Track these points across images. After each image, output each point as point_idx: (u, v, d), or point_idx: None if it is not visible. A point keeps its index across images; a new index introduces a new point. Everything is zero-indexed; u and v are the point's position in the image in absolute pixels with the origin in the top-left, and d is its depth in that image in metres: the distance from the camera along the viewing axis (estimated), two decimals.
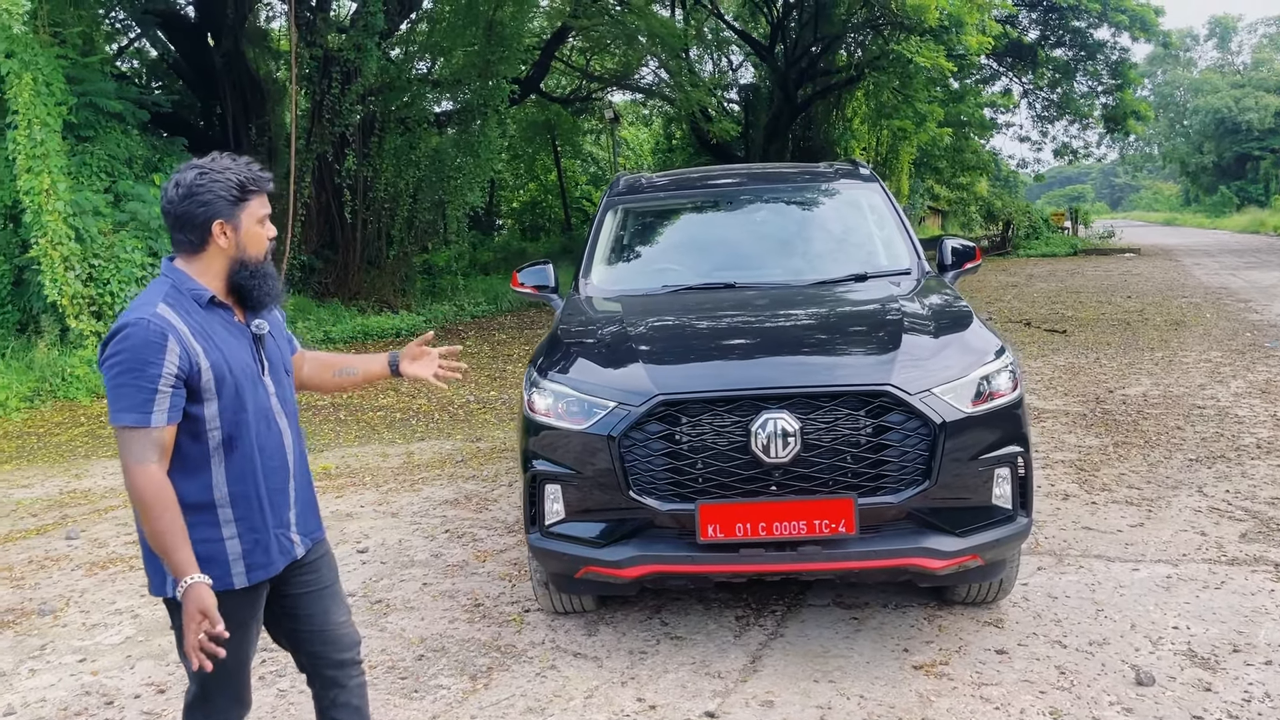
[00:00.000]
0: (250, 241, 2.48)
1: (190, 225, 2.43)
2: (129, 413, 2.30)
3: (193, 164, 2.47)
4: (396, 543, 5.62)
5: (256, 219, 2.49)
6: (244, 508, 2.48)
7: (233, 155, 2.51)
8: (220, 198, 2.42)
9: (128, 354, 2.30)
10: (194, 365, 2.36)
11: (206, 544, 2.42)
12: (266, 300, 2.56)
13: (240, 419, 2.46)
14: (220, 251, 2.46)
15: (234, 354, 2.47)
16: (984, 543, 3.70)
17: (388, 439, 8.58)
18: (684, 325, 4.39)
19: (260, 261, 2.52)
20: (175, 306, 2.40)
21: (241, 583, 2.48)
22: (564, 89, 32.86)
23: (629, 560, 3.68)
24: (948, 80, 29.01)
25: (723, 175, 6.09)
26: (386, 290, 19.78)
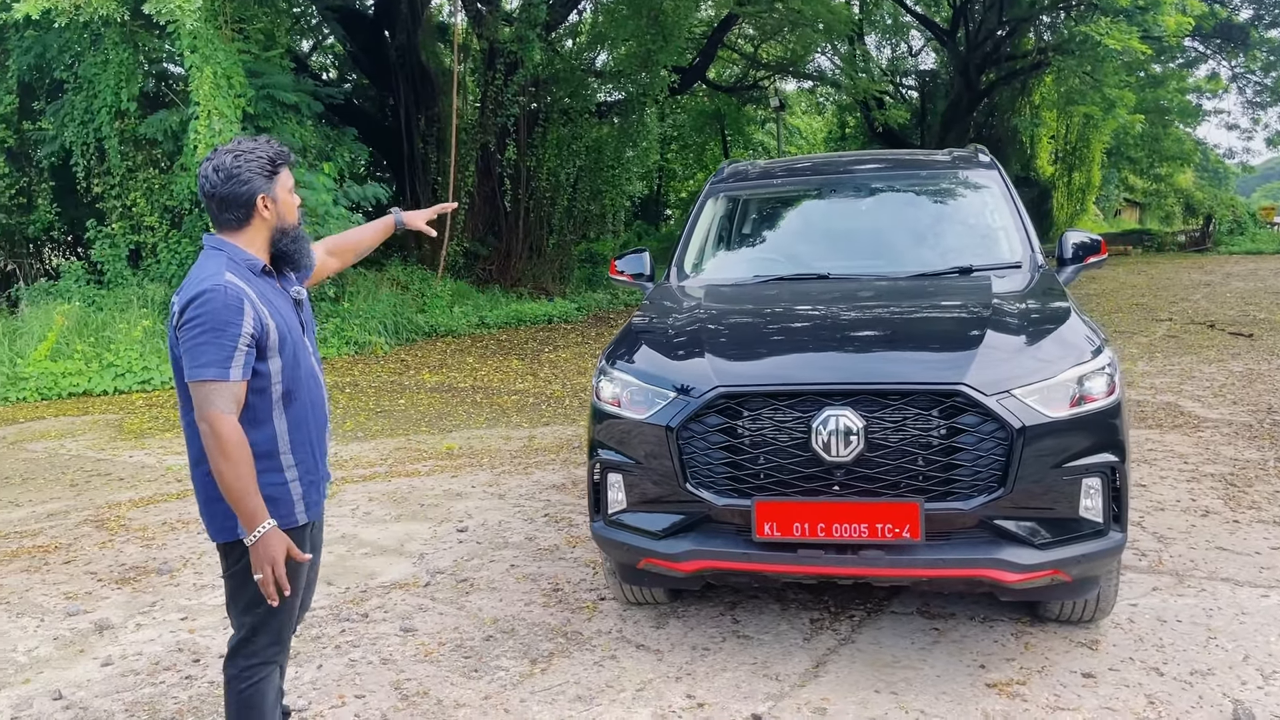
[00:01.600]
0: (287, 210, 2.75)
1: (236, 203, 2.66)
2: (210, 368, 2.50)
3: (224, 149, 2.70)
4: (496, 524, 5.72)
5: (288, 189, 2.76)
6: (302, 453, 2.75)
7: (254, 137, 2.77)
8: (257, 174, 2.66)
9: (209, 315, 2.51)
10: (263, 326, 2.59)
11: (274, 487, 2.66)
12: (306, 261, 2.85)
13: (296, 375, 2.72)
14: (264, 223, 2.71)
15: (287, 316, 2.73)
16: (1068, 557, 3.42)
17: (515, 422, 8.75)
18: (759, 317, 4.26)
19: (296, 226, 2.79)
20: (237, 274, 2.62)
21: (303, 519, 2.76)
22: (732, 78, 32.67)
23: (685, 554, 3.60)
24: (1144, 64, 27.22)
25: (835, 163, 5.88)
26: (545, 277, 20.24)
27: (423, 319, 15.32)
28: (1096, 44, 22.34)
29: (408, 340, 14.63)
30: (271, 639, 2.79)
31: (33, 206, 15.52)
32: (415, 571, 4.98)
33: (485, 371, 11.80)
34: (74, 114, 13.67)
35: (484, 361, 12.60)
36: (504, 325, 16.20)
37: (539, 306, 17.42)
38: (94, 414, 9.88)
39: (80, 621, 4.50)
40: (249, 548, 2.55)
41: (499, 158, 18.74)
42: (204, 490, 2.69)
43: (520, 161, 19.16)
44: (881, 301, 4.25)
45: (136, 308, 12.58)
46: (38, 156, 14.71)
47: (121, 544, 5.61)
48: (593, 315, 17.89)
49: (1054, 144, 37.77)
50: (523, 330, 15.95)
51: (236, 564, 2.72)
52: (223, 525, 2.68)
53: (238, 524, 2.61)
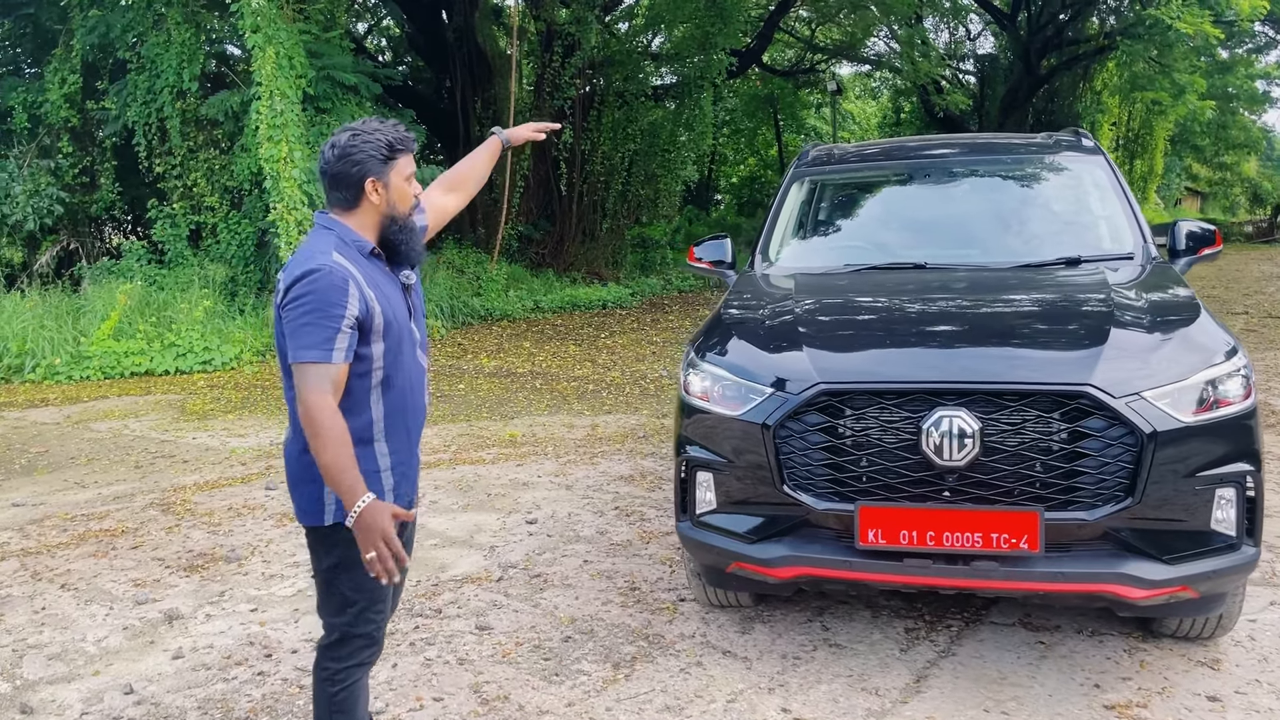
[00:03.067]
0: (399, 197, 2.61)
1: (346, 183, 2.55)
2: (313, 349, 2.41)
3: (346, 127, 2.61)
4: (566, 516, 5.56)
5: (404, 176, 2.61)
6: (397, 442, 2.65)
7: (381, 118, 2.64)
8: (371, 157, 2.54)
9: (315, 296, 2.42)
10: (369, 309, 2.49)
11: (366, 475, 2.51)
12: (413, 255, 2.69)
13: (398, 360, 2.62)
14: (373, 207, 2.58)
15: (394, 301, 2.62)
16: (1198, 573, 3.18)
17: (576, 410, 8.60)
18: (858, 308, 4.04)
19: (407, 217, 2.65)
20: (345, 255, 2.52)
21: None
22: (787, 61, 32.21)
23: (780, 560, 3.40)
24: (1214, 49, 26.40)
25: (926, 146, 5.61)
26: (598, 262, 20.07)
27: (478, 302, 15.22)
28: (1167, 28, 21.66)
29: (464, 324, 14.54)
30: (366, 641, 2.67)
31: (96, 185, 15.64)
32: (487, 565, 4.84)
33: (542, 357, 11.66)
34: (136, 94, 13.72)
35: (540, 346, 12.47)
36: (558, 310, 16.06)
37: (593, 291, 17.25)
38: (156, 394, 9.89)
39: (149, 610, 4.41)
40: (355, 527, 2.39)
41: (555, 141, 18.57)
42: (293, 471, 2.61)
43: (575, 145, 18.98)
44: (988, 294, 4.01)
45: (197, 288, 12.61)
46: (101, 136, 14.81)
47: (188, 529, 5.53)
48: (647, 301, 17.69)
49: (1115, 131, 36.86)
50: (577, 315, 15.79)
51: (326, 557, 2.61)
52: (308, 507, 2.58)
53: (324, 509, 2.55)
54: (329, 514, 2.56)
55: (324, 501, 2.55)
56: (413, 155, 2.65)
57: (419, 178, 2.75)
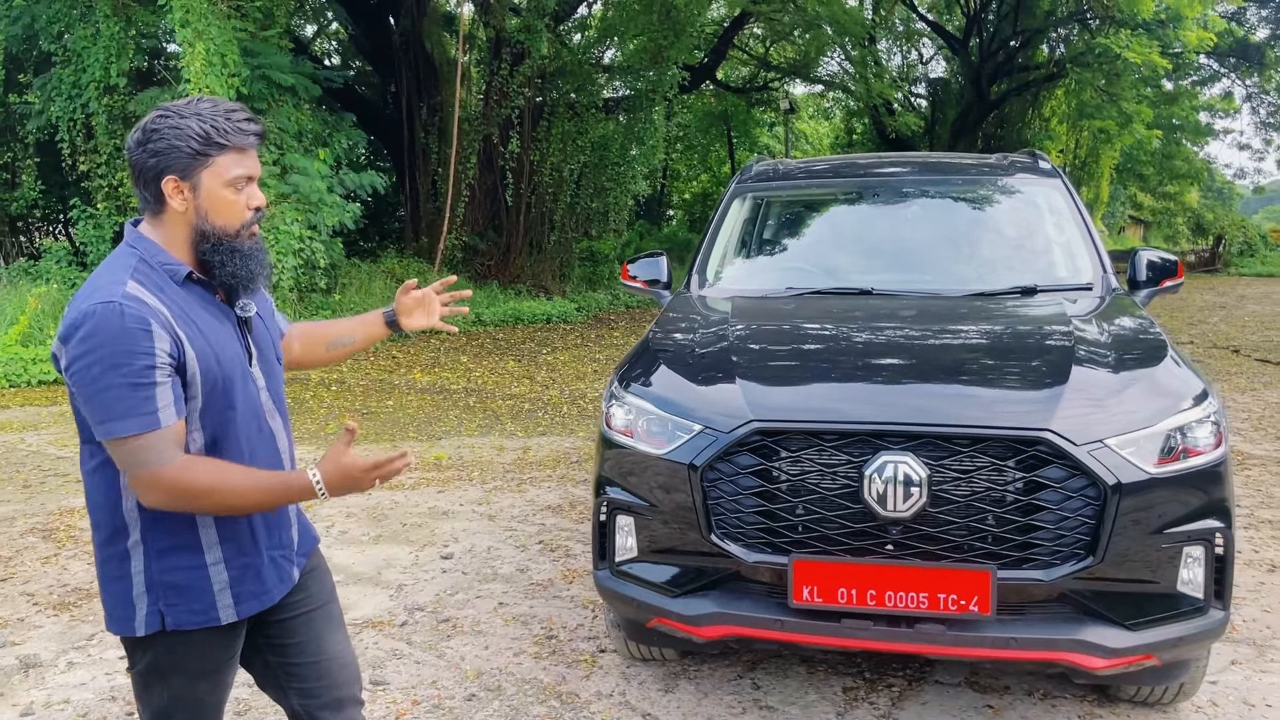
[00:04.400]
0: (215, 207, 1.97)
1: (144, 178, 1.97)
2: (127, 419, 1.85)
3: (163, 105, 2.01)
4: (485, 550, 5.16)
5: (225, 180, 1.97)
6: (230, 527, 2.03)
7: (215, 99, 2.01)
8: (176, 148, 1.94)
9: (104, 347, 1.84)
10: (181, 353, 1.91)
11: (183, 571, 1.99)
12: (234, 283, 2.04)
13: (227, 418, 2.01)
14: (179, 216, 1.98)
15: (220, 341, 2.00)
16: (1163, 640, 2.88)
17: (509, 430, 8.19)
18: (798, 337, 3.71)
19: (228, 235, 2.00)
20: (147, 284, 1.93)
21: (229, 616, 2.04)
22: (741, 79, 32.15)
23: (706, 617, 3.04)
24: (1160, 79, 26.78)
25: (876, 164, 5.32)
26: (545, 275, 19.67)
27: None
28: (1116, 57, 21.90)
29: (399, 338, 14.05)
30: None
31: (16, 183, 14.94)
32: (391, 607, 4.42)
33: (479, 373, 11.24)
34: (61, 88, 13.09)
35: (479, 361, 12.04)
36: (501, 323, 15.63)
37: (538, 305, 16.85)
38: (63, 404, 9.29)
39: (5, 656, 3.93)
40: (332, 493, 1.96)
41: (502, 150, 18.17)
42: (99, 565, 2.03)
43: (523, 155, 18.58)
44: (939, 325, 3.70)
45: None
46: (23, 131, 14.14)
47: (68, 559, 5.04)
48: (593, 316, 17.34)
49: (1063, 158, 37.30)
50: (520, 329, 15.38)
51: (139, 661, 2.06)
52: (117, 611, 2.02)
53: (134, 613, 1.99)
54: (141, 621, 1.98)
55: (134, 604, 1.98)
56: (253, 153, 2.02)
57: (364, 182, 2.26)
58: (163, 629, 1.98)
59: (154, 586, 1.97)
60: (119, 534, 1.98)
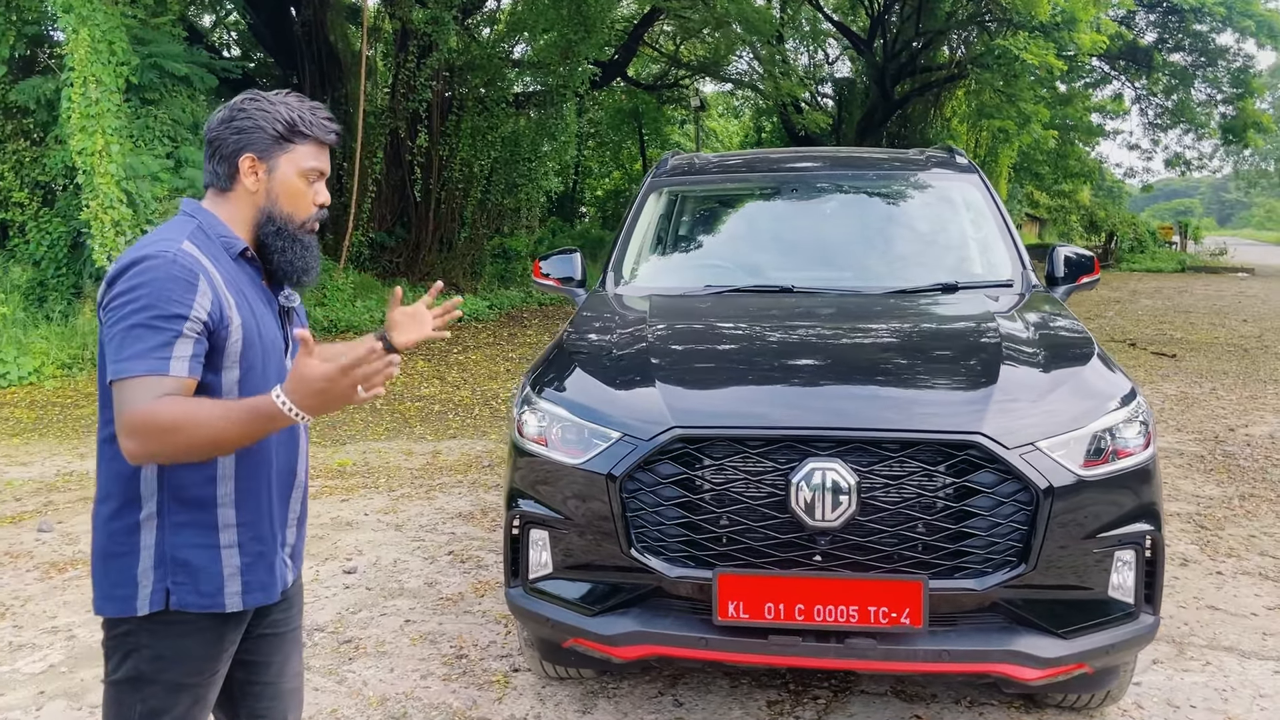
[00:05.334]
0: (285, 194, 2.02)
1: (220, 154, 2.01)
2: (141, 360, 1.79)
3: (254, 90, 2.09)
4: (391, 563, 4.90)
5: (300, 169, 2.03)
6: (252, 510, 1.98)
7: (301, 96, 2.08)
8: (260, 129, 1.99)
9: (147, 290, 1.82)
10: (224, 317, 1.89)
11: (196, 550, 1.92)
12: (289, 271, 2.06)
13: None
14: (248, 195, 2.02)
15: (264, 320, 2.01)
16: (1095, 648, 2.81)
17: (418, 434, 7.90)
18: (720, 338, 3.56)
19: (294, 222, 2.04)
20: (202, 248, 1.93)
21: (235, 605, 1.96)
22: (651, 76, 32.11)
23: (625, 636, 2.87)
24: (1055, 81, 27.57)
25: (793, 158, 5.22)
26: (456, 272, 19.27)
27: (322, 313, 14.26)
28: (1014, 59, 22.41)
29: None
30: None
31: None
32: None
33: None
34: None
35: None
36: None
37: None
38: None
39: None
40: (304, 410, 1.73)
41: (410, 145, 17.72)
42: (101, 541, 1.93)
43: (432, 150, 18.16)
44: (864, 324, 3.59)
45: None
46: None
47: None
48: (506, 314, 17.02)
49: None
50: None
51: (123, 663, 1.93)
52: (115, 590, 1.91)
53: (138, 590, 1.89)
54: (145, 598, 1.89)
55: (138, 580, 1.89)
56: (326, 152, 2.07)
57: None
58: (166, 608, 1.89)
59: (163, 562, 1.90)
60: (131, 505, 1.90)
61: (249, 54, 22.45)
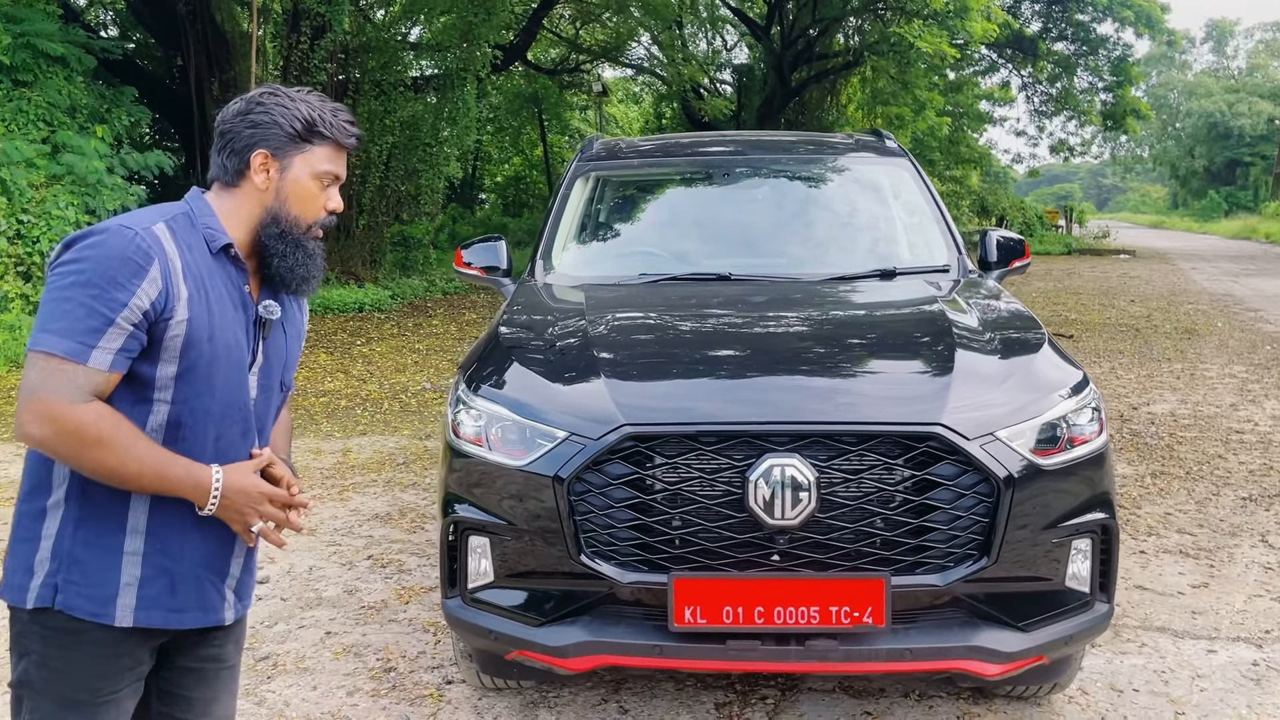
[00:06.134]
0: (296, 195, 1.91)
1: (232, 147, 1.89)
2: (64, 338, 1.68)
3: (273, 85, 1.98)
4: (306, 571, 4.64)
5: (315, 171, 1.91)
6: (162, 519, 1.80)
7: (323, 96, 1.97)
8: (278, 125, 1.88)
9: (94, 265, 1.70)
10: (169, 306, 1.75)
11: (95, 549, 1.77)
12: (289, 278, 1.92)
13: (200, 406, 1.82)
14: (255, 193, 1.90)
15: (223, 323, 1.84)
16: (1054, 639, 2.77)
17: (325, 431, 7.57)
18: (664, 329, 3.42)
19: (300, 226, 1.92)
20: (177, 234, 1.82)
21: (125, 620, 1.79)
22: (552, 60, 31.76)
23: (575, 647, 2.71)
24: (946, 69, 28.23)
25: (720, 143, 5.11)
26: (355, 261, 18.70)
27: None
28: (908, 46, 22.81)
29: None
30: None
31: None
32: None
33: None
34: None
35: None
36: (310, 313, 14.68)
37: (348, 293, 15.96)
38: None
39: None
40: (222, 513, 1.80)
41: None
42: (14, 520, 1.82)
43: None
44: (809, 312, 3.49)
45: None
46: None
47: None
48: (408, 304, 16.59)
49: None
50: (330, 320, 14.50)
51: (20, 661, 1.80)
52: (11, 577, 1.79)
53: (30, 580, 1.76)
54: (33, 593, 1.76)
55: (33, 570, 1.77)
56: (343, 156, 1.95)
57: (149, 163, 1.99)
58: (51, 606, 1.75)
59: (59, 555, 1.77)
60: (41, 489, 1.79)
61: (128, 34, 21.39)
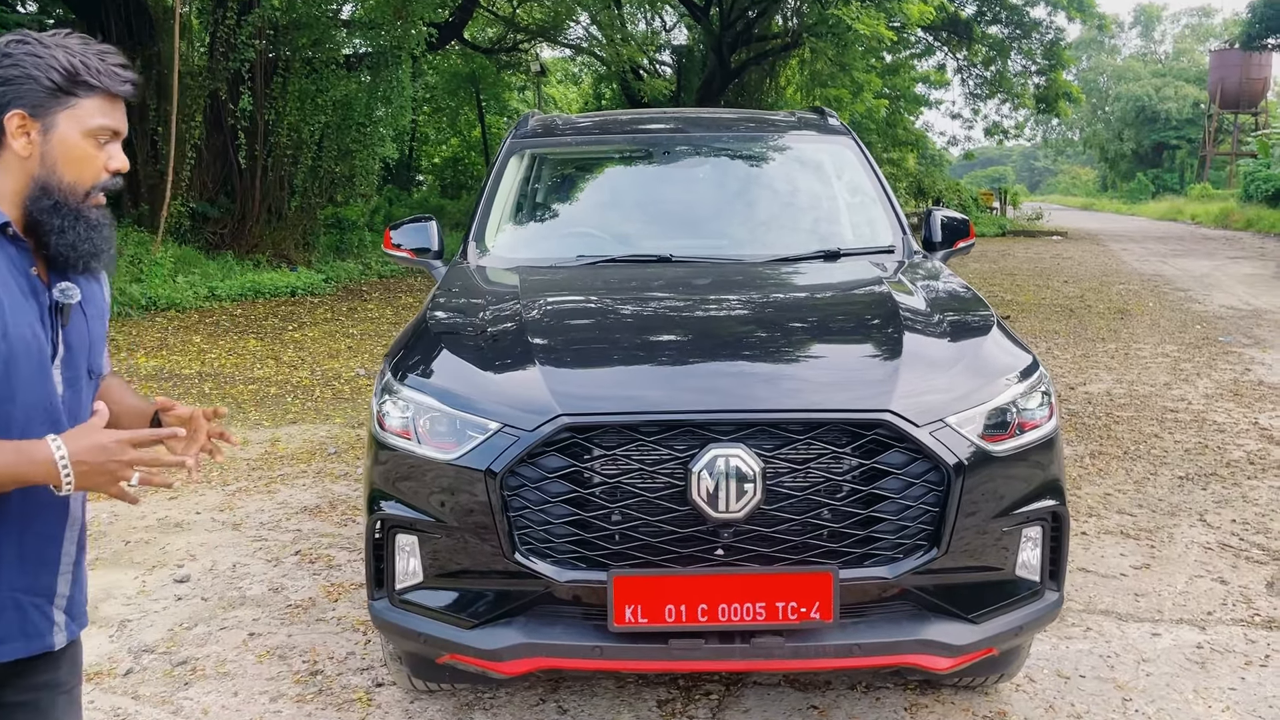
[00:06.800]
0: (67, 159, 1.64)
1: None
2: None
3: (24, 30, 1.69)
4: (230, 568, 4.43)
5: (87, 128, 1.65)
6: None
7: (86, 37, 1.68)
8: (31, 78, 1.61)
9: None
10: None
11: None
12: (71, 255, 1.67)
13: (1, 412, 1.59)
14: (17, 161, 1.62)
15: (16, 315, 1.60)
16: (1004, 630, 2.69)
17: (253, 420, 7.30)
18: (602, 313, 3.27)
19: (76, 194, 1.66)
20: None
21: None
22: (489, 39, 31.26)
23: (510, 650, 2.57)
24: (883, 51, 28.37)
25: (659, 120, 4.96)
26: (287, 244, 18.22)
27: (139, 290, 13.18)
28: (846, 28, 22.86)
29: (120, 315, 12.48)
30: None
31: None
32: (113, 651, 3.64)
33: (216, 354, 10.09)
34: None
35: (214, 342, 10.84)
36: (239, 298, 14.26)
37: (280, 277, 15.53)
38: None
39: None
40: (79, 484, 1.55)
41: (232, 109, 16.56)
42: None
43: (257, 114, 17.04)
44: (753, 295, 3.36)
45: None
46: None
47: None
48: (343, 287, 16.21)
49: None
50: (261, 304, 14.10)
51: None
52: None
53: None
54: None
55: None
56: (122, 105, 1.69)
57: None
58: None
59: None
60: None
61: (47, 9, 20.55)
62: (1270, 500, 5.37)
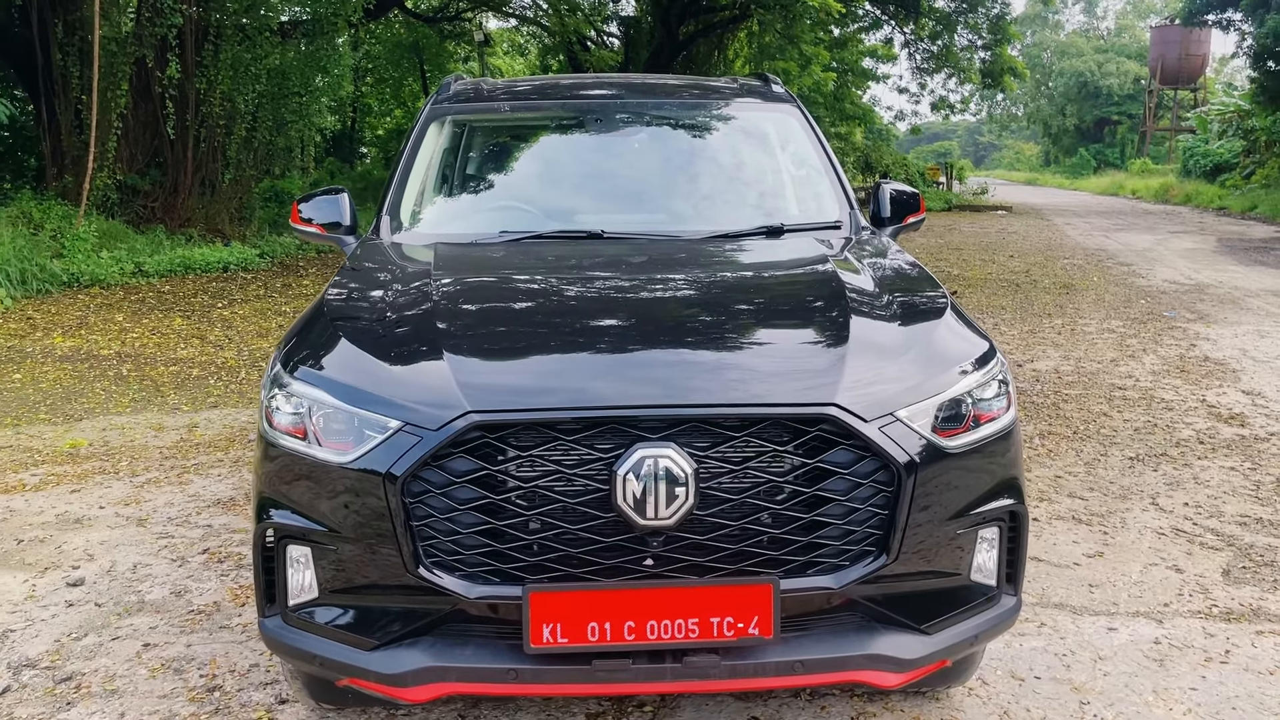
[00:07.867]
0: None
1: None
2: None
3: None
4: (129, 569, 4.09)
5: None
6: None
7: None
8: None
9: None
10: None
11: None
12: None
13: None
14: None
15: None
16: (959, 641, 2.47)
17: (172, 404, 6.91)
18: (520, 296, 2.99)
19: None
20: None
21: None
22: (432, 8, 30.54)
23: (414, 675, 2.30)
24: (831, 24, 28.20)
25: (592, 85, 4.66)
26: (220, 218, 17.60)
27: (59, 265, 12.59)
28: (795, 0, 22.66)
29: (40, 292, 11.90)
30: None
31: None
32: None
33: (138, 333, 9.62)
34: None
35: (137, 320, 10.35)
36: (167, 274, 13.70)
37: (212, 252, 14.96)
38: None
39: None
40: None
41: (160, 76, 15.87)
42: None
43: (187, 83, 16.36)
44: (688, 276, 3.10)
45: None
46: None
47: None
48: (279, 263, 15.67)
49: None
50: (191, 280, 13.55)
51: None
52: None
53: None
54: None
55: None
56: None
57: None
58: None
59: None
60: None
61: None
62: (1221, 482, 5.26)
